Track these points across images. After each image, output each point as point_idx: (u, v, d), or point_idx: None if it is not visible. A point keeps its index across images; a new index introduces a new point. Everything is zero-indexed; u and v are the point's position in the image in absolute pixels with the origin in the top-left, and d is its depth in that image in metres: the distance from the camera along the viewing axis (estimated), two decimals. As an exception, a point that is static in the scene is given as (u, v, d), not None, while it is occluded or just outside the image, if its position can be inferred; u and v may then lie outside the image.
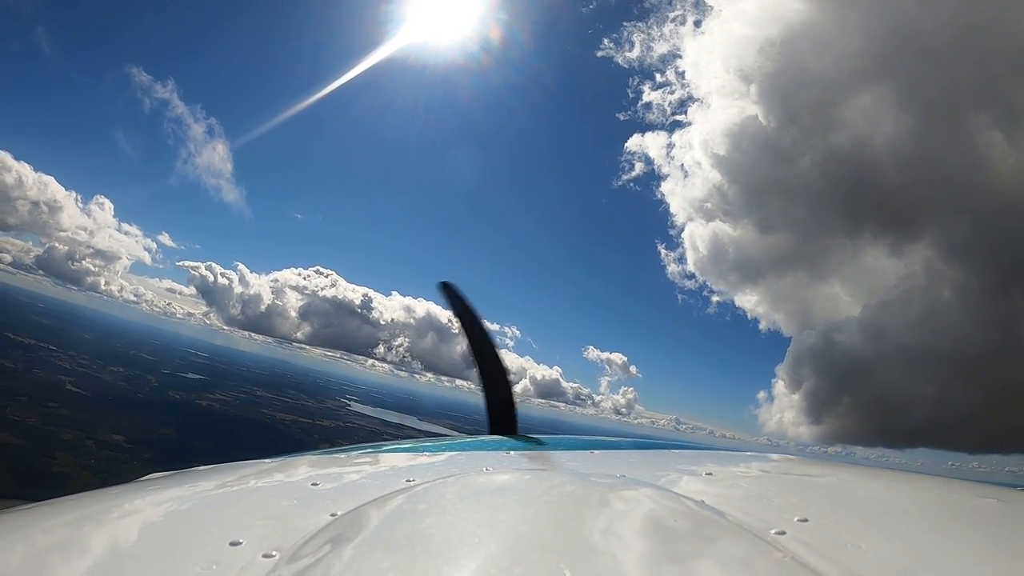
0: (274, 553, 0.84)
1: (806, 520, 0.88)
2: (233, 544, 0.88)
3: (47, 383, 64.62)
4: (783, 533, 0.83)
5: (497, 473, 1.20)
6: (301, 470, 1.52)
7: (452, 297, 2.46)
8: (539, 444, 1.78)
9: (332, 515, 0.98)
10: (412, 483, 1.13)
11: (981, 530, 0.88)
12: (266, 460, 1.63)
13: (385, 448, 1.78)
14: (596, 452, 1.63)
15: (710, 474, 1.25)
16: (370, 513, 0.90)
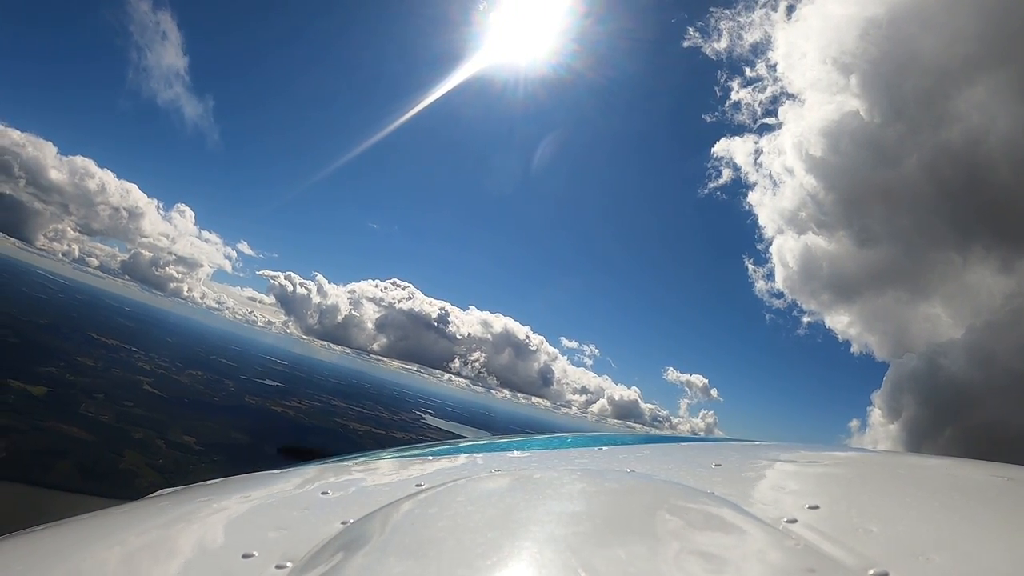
0: (287, 564, 0.85)
1: (817, 507, 0.87)
2: (246, 556, 0.89)
3: (125, 382, 63.32)
4: (794, 521, 0.82)
5: (506, 474, 1.18)
6: (310, 479, 1.51)
7: None
8: (547, 443, 1.76)
9: (343, 523, 0.98)
10: (422, 488, 1.13)
11: (992, 509, 0.87)
12: (275, 471, 1.64)
13: (393, 454, 1.81)
14: (604, 448, 1.61)
15: (719, 465, 1.23)
16: (380, 520, 0.90)
